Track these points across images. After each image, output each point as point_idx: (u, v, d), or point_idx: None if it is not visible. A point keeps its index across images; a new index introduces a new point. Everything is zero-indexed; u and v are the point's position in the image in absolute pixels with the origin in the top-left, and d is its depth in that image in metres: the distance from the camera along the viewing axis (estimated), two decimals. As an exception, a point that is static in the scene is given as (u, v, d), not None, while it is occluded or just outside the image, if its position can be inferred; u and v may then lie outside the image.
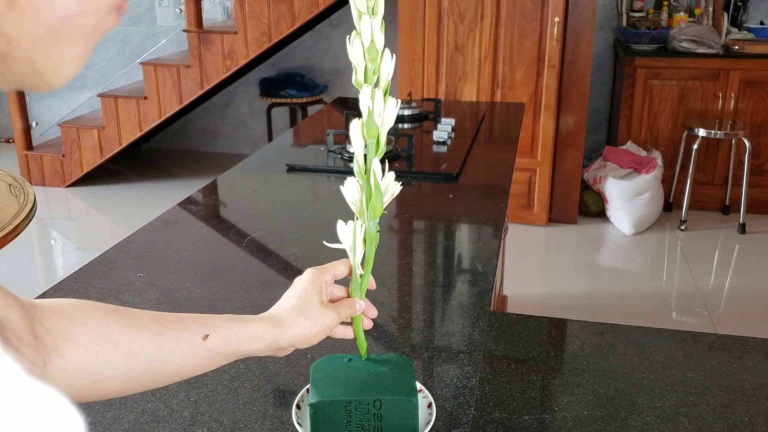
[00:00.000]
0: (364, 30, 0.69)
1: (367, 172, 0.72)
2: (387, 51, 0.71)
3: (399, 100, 0.73)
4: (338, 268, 0.77)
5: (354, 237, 0.74)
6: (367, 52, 0.70)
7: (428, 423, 0.76)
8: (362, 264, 0.76)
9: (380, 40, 0.70)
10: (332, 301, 0.77)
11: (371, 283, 0.79)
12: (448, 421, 0.83)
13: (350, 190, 0.74)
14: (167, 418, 0.83)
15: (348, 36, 0.70)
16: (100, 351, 0.60)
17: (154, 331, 0.63)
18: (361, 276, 0.77)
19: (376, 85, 0.71)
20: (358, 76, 0.71)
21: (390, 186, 0.73)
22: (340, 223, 0.75)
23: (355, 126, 0.71)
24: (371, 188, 0.72)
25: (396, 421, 0.74)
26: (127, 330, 0.62)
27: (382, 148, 0.72)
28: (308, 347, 0.73)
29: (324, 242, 0.76)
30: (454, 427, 0.82)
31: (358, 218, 0.75)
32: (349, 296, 0.78)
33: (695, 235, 3.65)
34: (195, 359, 0.66)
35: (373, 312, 0.79)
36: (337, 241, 0.76)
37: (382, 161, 0.73)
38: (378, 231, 0.75)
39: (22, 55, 0.32)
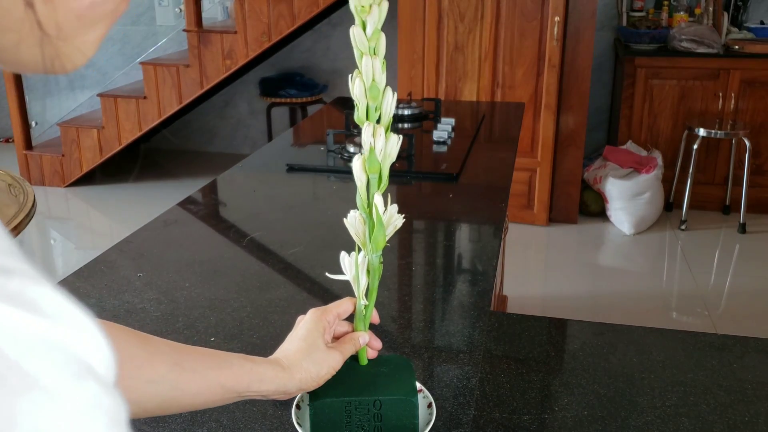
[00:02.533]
0: (365, 70, 0.70)
1: (369, 205, 0.73)
2: (389, 89, 0.72)
3: (400, 136, 0.74)
4: (342, 307, 0.78)
5: (357, 269, 0.75)
6: (369, 91, 0.71)
7: (428, 423, 0.76)
8: (366, 295, 0.77)
9: (381, 79, 0.71)
10: (336, 336, 0.77)
11: (375, 317, 0.79)
12: (448, 421, 0.83)
13: (353, 222, 0.75)
14: (167, 418, 0.83)
15: (353, 26, 0.70)
16: (123, 374, 0.60)
17: (174, 361, 0.64)
18: (365, 307, 0.77)
19: (378, 121, 0.72)
20: (360, 114, 0.72)
21: (393, 218, 0.74)
22: (343, 255, 0.76)
23: (357, 161, 0.72)
24: (374, 222, 0.73)
25: (396, 421, 0.74)
26: (150, 358, 0.63)
27: (385, 183, 0.73)
28: None
29: (327, 274, 0.77)
30: (454, 427, 0.82)
31: (361, 250, 0.75)
32: (353, 329, 0.78)
33: (695, 235, 3.65)
34: (209, 393, 0.66)
35: (378, 344, 0.80)
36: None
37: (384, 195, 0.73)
38: (381, 262, 0.76)
39: (54, 40, 0.35)
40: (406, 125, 2.24)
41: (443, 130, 2.09)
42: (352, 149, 1.88)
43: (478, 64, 3.60)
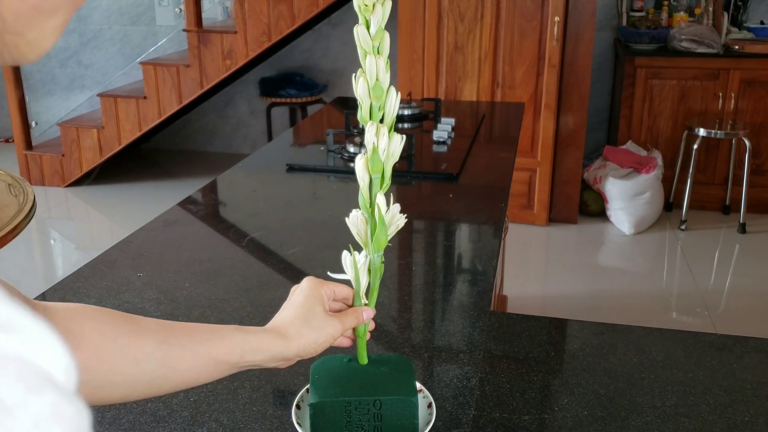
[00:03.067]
0: (369, 69, 0.70)
1: (372, 205, 0.73)
2: (392, 88, 0.72)
3: (403, 136, 0.74)
4: (339, 287, 0.77)
5: (356, 270, 0.75)
6: (372, 91, 0.70)
7: (428, 423, 0.76)
8: (367, 294, 0.77)
9: (385, 78, 0.71)
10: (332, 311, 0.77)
11: (370, 324, 0.79)
12: (448, 421, 0.83)
13: (355, 222, 0.75)
14: (167, 418, 0.83)
15: (357, 25, 0.70)
16: (105, 357, 0.60)
17: (160, 339, 0.63)
18: (366, 306, 0.77)
19: (381, 120, 0.72)
20: (363, 113, 0.72)
21: (395, 218, 0.74)
22: (345, 254, 0.76)
23: (360, 161, 0.72)
24: (376, 221, 0.73)
25: (396, 421, 0.74)
26: (134, 337, 0.62)
27: (387, 182, 0.73)
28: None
29: (328, 273, 0.77)
30: (454, 427, 0.82)
31: (362, 249, 0.76)
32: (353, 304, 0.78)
33: (695, 235, 3.65)
34: (199, 368, 0.65)
35: (372, 325, 0.79)
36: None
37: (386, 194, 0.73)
38: (383, 262, 0.76)
39: (8, 30, 0.34)
40: (406, 125, 2.24)
41: (443, 130, 2.09)
42: (352, 149, 1.88)
43: (478, 64, 3.60)
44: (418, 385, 0.79)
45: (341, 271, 0.77)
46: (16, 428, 0.24)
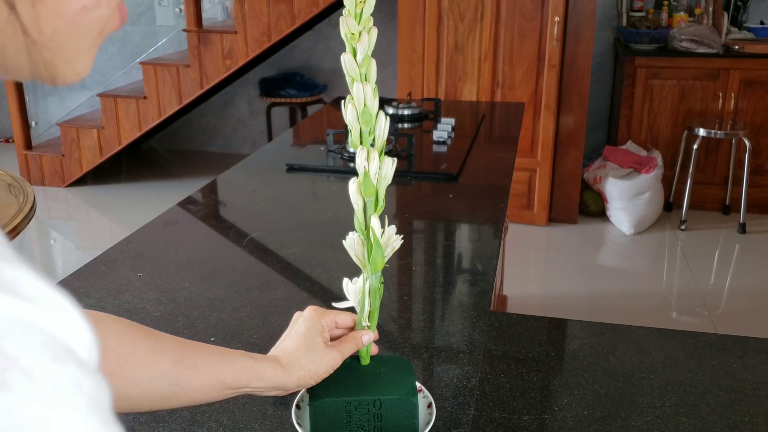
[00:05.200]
0: (357, 96, 0.70)
1: (367, 228, 0.73)
2: (381, 114, 0.72)
3: (395, 159, 0.74)
4: (342, 316, 0.78)
5: (363, 294, 0.76)
6: (361, 116, 0.71)
7: (428, 423, 0.76)
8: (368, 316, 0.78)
9: (373, 104, 0.71)
10: (333, 338, 0.78)
11: (373, 348, 0.80)
12: (448, 421, 0.83)
13: (352, 244, 0.75)
14: (167, 418, 0.83)
15: (343, 53, 0.71)
16: (126, 370, 0.61)
17: (177, 358, 0.65)
18: (367, 327, 0.78)
19: (372, 144, 0.72)
20: (353, 138, 0.73)
21: (391, 240, 0.75)
22: (346, 281, 0.77)
23: (353, 185, 0.73)
24: (372, 244, 0.74)
25: (396, 421, 0.74)
26: (153, 353, 0.63)
27: (381, 205, 0.74)
28: None
29: (333, 304, 0.78)
30: (454, 427, 0.82)
31: (361, 272, 0.76)
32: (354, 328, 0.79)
33: (695, 235, 3.65)
34: (208, 389, 0.67)
35: (375, 348, 0.81)
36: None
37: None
38: (382, 282, 0.77)
39: (45, 45, 0.34)
40: (406, 125, 2.24)
41: (443, 130, 2.09)
42: (352, 149, 1.88)
43: (478, 64, 3.60)
44: (418, 385, 0.79)
45: (345, 299, 0.77)
46: (39, 395, 0.25)
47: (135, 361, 0.62)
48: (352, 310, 0.78)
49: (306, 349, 0.73)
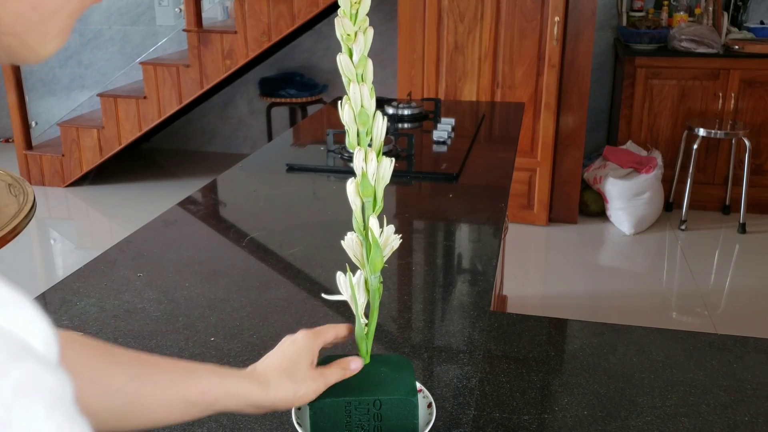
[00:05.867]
0: (354, 96, 0.70)
1: (365, 228, 0.73)
2: (378, 114, 0.72)
3: (392, 159, 0.74)
4: (337, 332, 0.76)
5: (353, 289, 0.75)
6: (358, 117, 0.71)
7: (428, 423, 0.76)
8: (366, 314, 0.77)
9: (370, 105, 0.71)
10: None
11: (358, 363, 0.76)
12: (448, 421, 0.83)
13: (351, 244, 0.75)
14: (167, 418, 0.83)
15: (339, 54, 0.70)
16: (77, 386, 0.59)
17: (133, 374, 0.62)
18: (366, 325, 0.77)
19: (370, 145, 0.73)
20: (350, 139, 0.72)
21: (389, 240, 0.75)
22: (339, 274, 0.76)
23: (351, 185, 0.73)
24: (370, 244, 0.73)
25: (396, 421, 0.74)
26: (106, 368, 0.61)
27: (380, 205, 0.74)
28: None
29: (322, 294, 0.77)
30: (454, 427, 0.82)
31: (357, 269, 0.76)
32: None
33: (695, 235, 3.65)
34: (170, 408, 0.63)
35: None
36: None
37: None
38: (381, 282, 0.76)
39: (10, 30, 0.34)
40: (406, 125, 2.24)
41: (443, 130, 2.09)
42: (351, 150, 1.88)
43: (478, 64, 3.60)
44: (418, 385, 0.79)
45: (337, 292, 0.77)
46: None
47: (86, 377, 0.59)
48: (345, 304, 0.78)
49: (288, 369, 0.70)
